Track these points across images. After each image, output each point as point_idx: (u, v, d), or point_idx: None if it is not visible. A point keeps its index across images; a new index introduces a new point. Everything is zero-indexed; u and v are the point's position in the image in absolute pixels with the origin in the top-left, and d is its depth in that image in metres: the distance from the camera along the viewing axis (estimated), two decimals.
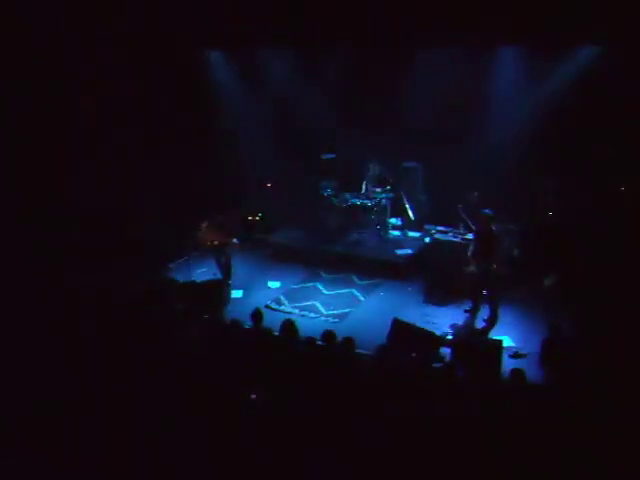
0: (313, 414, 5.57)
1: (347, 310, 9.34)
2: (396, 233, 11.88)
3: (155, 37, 10.54)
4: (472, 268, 8.72)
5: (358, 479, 4.98)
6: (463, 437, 5.19)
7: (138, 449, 5.30)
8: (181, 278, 9.63)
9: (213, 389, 6.00)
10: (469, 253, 8.85)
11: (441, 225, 10.54)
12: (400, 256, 10.88)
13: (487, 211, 8.65)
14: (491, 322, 8.71)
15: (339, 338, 6.66)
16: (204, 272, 10.52)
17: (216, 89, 12.48)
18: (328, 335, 6.70)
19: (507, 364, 7.03)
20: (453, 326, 8.68)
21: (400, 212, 11.90)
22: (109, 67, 10.24)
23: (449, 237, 10.00)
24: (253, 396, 5.96)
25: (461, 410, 5.51)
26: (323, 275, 10.71)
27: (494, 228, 8.65)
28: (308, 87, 12.09)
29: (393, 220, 12.01)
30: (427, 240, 11.11)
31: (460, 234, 9.93)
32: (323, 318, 9.07)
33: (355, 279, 10.49)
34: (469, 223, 9.71)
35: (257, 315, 7.27)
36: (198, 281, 9.56)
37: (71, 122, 10.05)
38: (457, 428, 5.28)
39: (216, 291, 9.10)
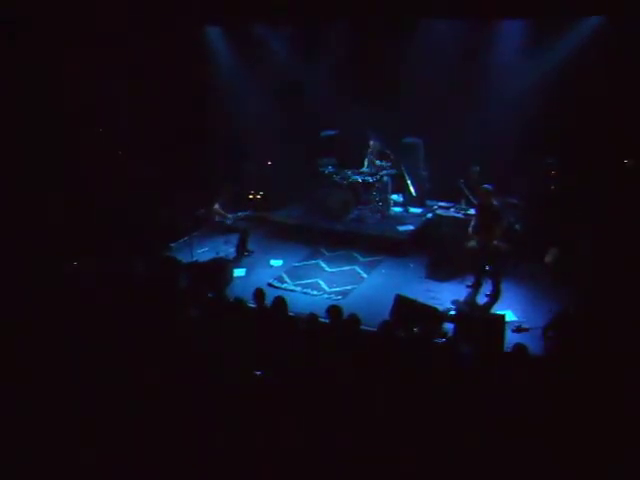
0: (315, 390, 5.62)
1: (350, 287, 9.34)
2: (398, 209, 11.86)
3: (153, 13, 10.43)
4: (474, 243, 8.71)
5: (360, 456, 5.02)
6: (465, 412, 5.23)
7: (138, 433, 5.35)
8: (183, 258, 9.66)
9: (215, 366, 6.04)
10: (471, 228, 8.83)
11: (443, 201, 10.52)
12: (402, 232, 10.86)
13: (487, 186, 8.63)
14: (493, 297, 8.73)
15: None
16: (205, 252, 10.56)
17: (214, 66, 12.37)
18: (334, 311, 6.71)
19: (510, 339, 7.07)
20: (456, 301, 8.69)
21: (401, 188, 11.85)
22: (106, 44, 10.14)
23: (451, 213, 9.98)
24: (258, 372, 6.01)
25: (464, 385, 5.55)
26: (325, 252, 10.71)
27: (495, 203, 8.63)
28: (308, 64, 11.99)
29: (394, 196, 11.98)
30: (429, 216, 11.10)
31: (462, 209, 9.92)
32: (326, 295, 9.08)
33: (357, 256, 10.50)
34: (470, 198, 9.70)
35: (259, 295, 7.30)
36: (202, 261, 9.58)
37: (69, 100, 9.98)
38: (460, 403, 5.32)
39: (220, 270, 9.13)
